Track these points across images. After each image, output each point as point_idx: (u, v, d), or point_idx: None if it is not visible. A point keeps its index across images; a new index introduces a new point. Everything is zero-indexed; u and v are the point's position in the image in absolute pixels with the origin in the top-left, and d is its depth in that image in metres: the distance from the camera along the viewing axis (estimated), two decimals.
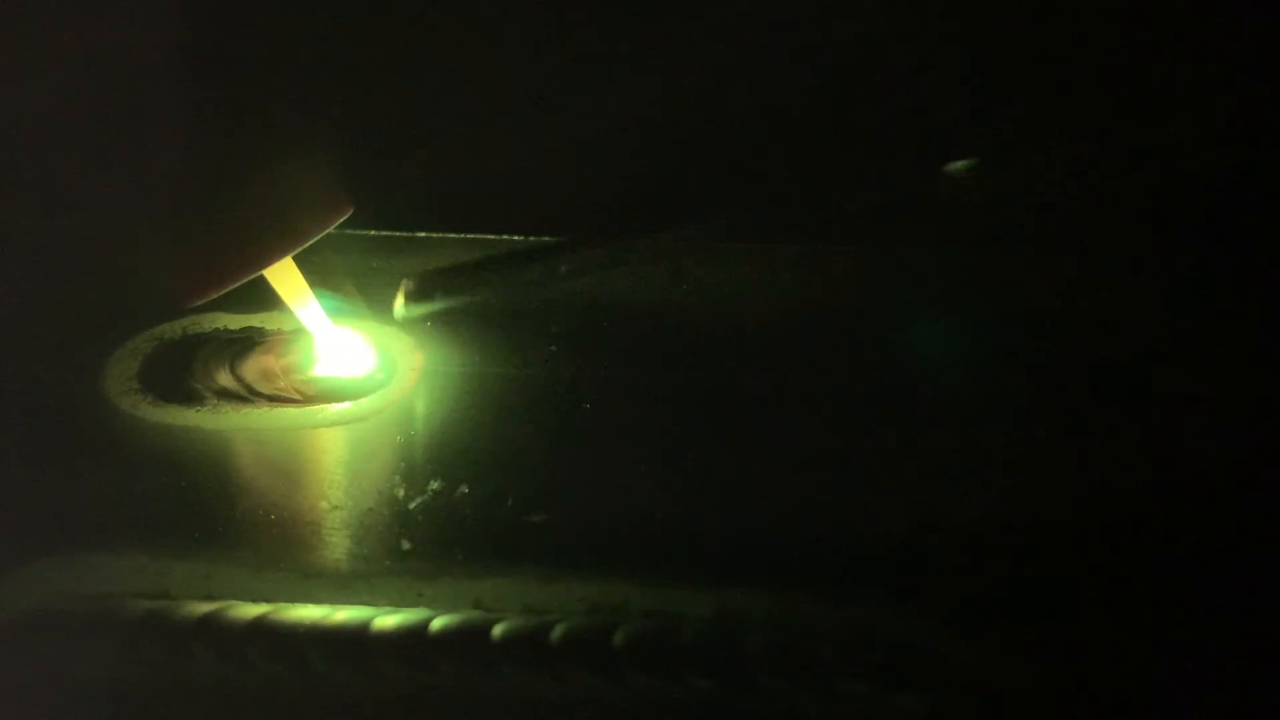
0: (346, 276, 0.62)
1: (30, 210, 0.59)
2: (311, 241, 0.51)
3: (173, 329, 0.61)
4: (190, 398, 0.57)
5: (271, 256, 0.51)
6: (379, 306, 0.61)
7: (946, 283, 0.64)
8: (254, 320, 0.61)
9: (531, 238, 0.64)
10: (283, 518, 0.51)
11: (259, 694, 0.47)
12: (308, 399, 0.57)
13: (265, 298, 0.57)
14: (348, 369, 0.58)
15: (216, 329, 0.61)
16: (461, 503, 0.52)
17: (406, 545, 0.50)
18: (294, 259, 0.53)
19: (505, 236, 0.64)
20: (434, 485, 0.53)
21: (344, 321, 0.59)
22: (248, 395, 0.57)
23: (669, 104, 0.61)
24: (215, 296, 0.51)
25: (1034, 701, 0.45)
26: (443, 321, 0.61)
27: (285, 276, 0.54)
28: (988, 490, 0.52)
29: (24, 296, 0.61)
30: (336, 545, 0.50)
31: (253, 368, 0.58)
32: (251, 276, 0.51)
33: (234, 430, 0.55)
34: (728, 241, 0.63)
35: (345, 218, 0.52)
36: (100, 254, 0.59)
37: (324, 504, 0.52)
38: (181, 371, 0.58)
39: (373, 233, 0.64)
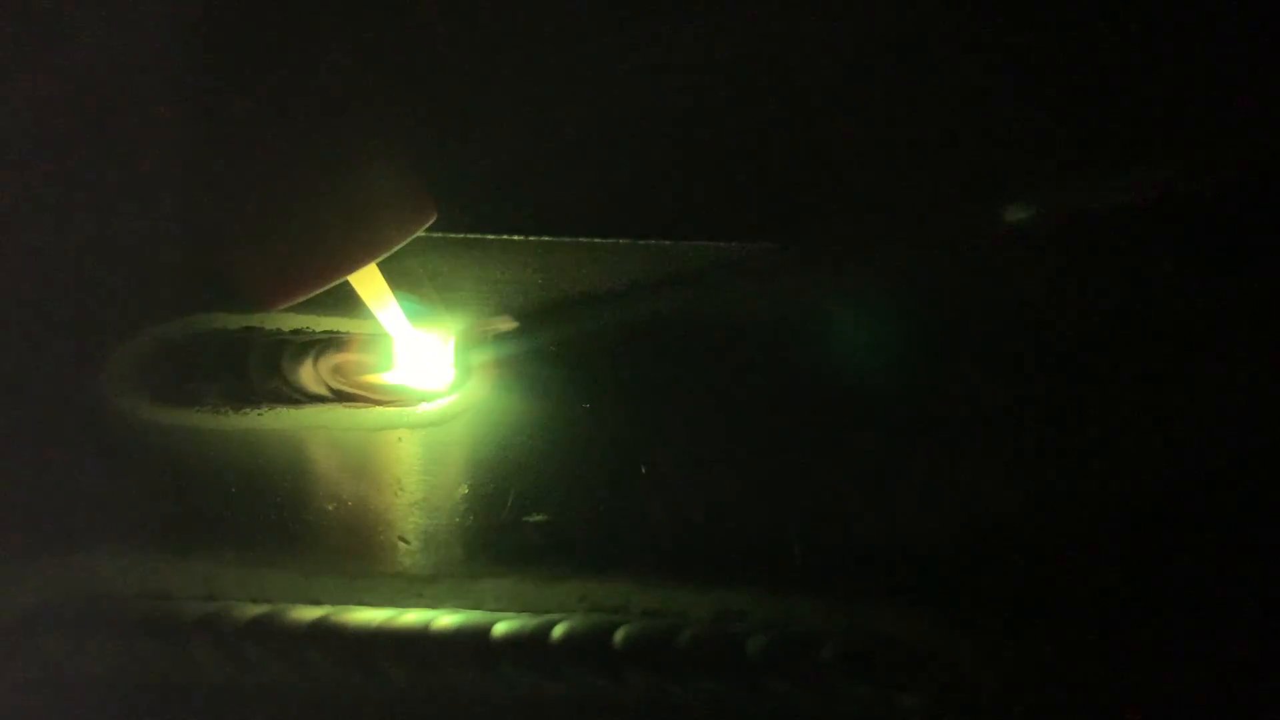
0: (426, 279, 0.62)
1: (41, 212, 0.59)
2: (396, 248, 0.52)
3: (172, 329, 0.61)
4: (191, 398, 0.57)
5: (356, 263, 0.51)
6: (459, 309, 0.61)
7: (948, 284, 0.64)
8: (252, 320, 0.61)
9: (621, 240, 0.64)
10: (284, 518, 0.51)
11: (259, 694, 0.47)
12: (368, 401, 0.57)
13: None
14: (418, 374, 0.58)
15: (215, 329, 0.61)
16: (462, 504, 0.52)
17: (406, 545, 0.50)
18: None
19: (589, 240, 0.64)
20: (434, 485, 0.53)
21: (423, 325, 0.59)
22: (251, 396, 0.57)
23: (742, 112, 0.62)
24: (299, 301, 0.51)
25: (1034, 701, 0.46)
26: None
27: (367, 280, 0.54)
28: (988, 491, 0.53)
29: (24, 296, 0.61)
30: (337, 545, 0.50)
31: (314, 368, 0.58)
32: (336, 282, 0.51)
33: (234, 431, 0.55)
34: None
35: (429, 224, 0.53)
36: (101, 254, 0.59)
37: (326, 505, 0.52)
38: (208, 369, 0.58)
39: (451, 235, 0.64)
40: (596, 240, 0.64)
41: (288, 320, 0.60)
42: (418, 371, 0.57)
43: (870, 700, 0.46)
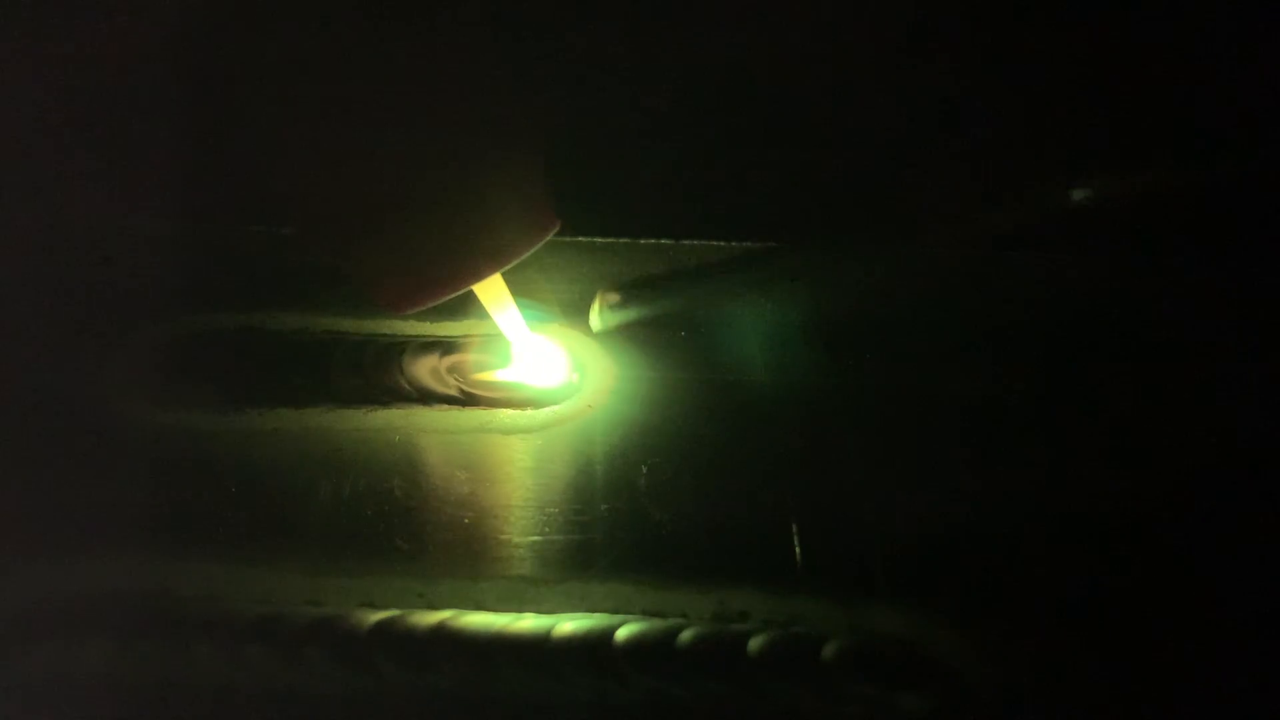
0: (544, 283, 0.62)
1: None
2: (521, 259, 0.52)
3: (174, 329, 0.61)
4: (193, 399, 0.57)
5: (482, 273, 0.52)
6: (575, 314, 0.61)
7: (954, 284, 0.64)
8: (252, 320, 0.61)
9: (727, 242, 0.64)
10: (284, 518, 0.51)
11: (259, 694, 0.47)
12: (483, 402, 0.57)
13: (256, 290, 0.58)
14: (535, 376, 0.58)
15: (211, 330, 0.61)
16: (462, 505, 0.52)
17: (404, 546, 0.50)
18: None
19: (707, 242, 0.64)
20: (432, 485, 0.53)
21: (540, 329, 0.59)
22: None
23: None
24: (425, 308, 0.52)
25: (1034, 701, 0.46)
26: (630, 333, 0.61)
27: (490, 287, 0.55)
28: (989, 491, 0.53)
29: (25, 295, 0.61)
30: (337, 545, 0.50)
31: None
32: (461, 291, 0.52)
33: (235, 431, 0.55)
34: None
35: (552, 235, 0.53)
36: (101, 254, 0.59)
37: (325, 505, 0.52)
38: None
39: (567, 239, 0.64)
40: (597, 240, 0.64)
41: (288, 320, 0.60)
42: (536, 373, 0.57)
43: (870, 700, 0.46)
